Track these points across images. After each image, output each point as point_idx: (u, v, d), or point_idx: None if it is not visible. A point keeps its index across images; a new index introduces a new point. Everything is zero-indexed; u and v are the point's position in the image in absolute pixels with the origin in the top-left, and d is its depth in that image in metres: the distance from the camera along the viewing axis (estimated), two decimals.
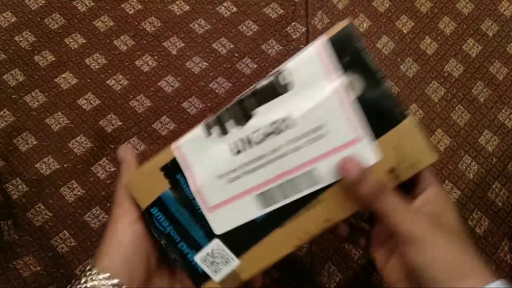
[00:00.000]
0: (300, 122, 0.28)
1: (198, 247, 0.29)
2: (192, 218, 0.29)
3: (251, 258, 0.29)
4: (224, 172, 0.29)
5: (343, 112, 0.28)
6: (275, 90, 0.28)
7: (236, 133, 0.28)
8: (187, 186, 0.29)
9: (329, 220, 0.28)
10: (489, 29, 0.53)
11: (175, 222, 0.29)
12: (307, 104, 0.28)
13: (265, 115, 0.28)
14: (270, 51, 0.51)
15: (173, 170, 0.29)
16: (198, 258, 0.29)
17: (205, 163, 0.29)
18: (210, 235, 0.29)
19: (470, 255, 0.25)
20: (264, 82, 0.28)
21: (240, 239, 0.29)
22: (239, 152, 0.28)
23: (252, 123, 0.28)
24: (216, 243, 0.29)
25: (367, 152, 0.28)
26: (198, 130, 0.29)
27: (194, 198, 0.29)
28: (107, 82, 0.49)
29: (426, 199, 0.28)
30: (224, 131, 0.28)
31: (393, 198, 0.26)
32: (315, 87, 0.28)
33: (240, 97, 0.28)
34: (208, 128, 0.29)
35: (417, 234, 0.25)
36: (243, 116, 0.28)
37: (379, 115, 0.28)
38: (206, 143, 0.29)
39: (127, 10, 0.53)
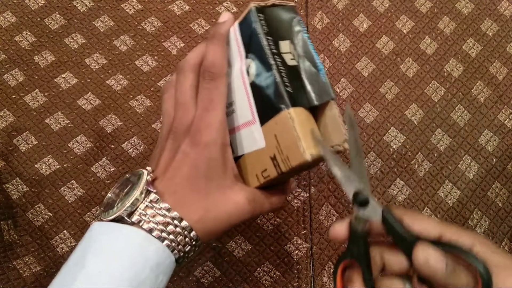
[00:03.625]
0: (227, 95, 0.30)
1: None
2: None
3: None
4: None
5: (244, 93, 0.29)
6: None
7: None
8: None
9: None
10: (489, 29, 0.53)
11: None
12: (229, 79, 0.30)
13: None
14: None
15: None
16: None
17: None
18: None
19: None
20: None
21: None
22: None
23: None
24: None
25: (258, 135, 0.29)
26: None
27: None
28: (107, 82, 0.49)
29: None
30: None
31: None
32: (233, 66, 0.30)
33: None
34: None
35: None
36: None
37: (266, 102, 0.28)
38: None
39: (127, 10, 0.53)
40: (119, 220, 0.27)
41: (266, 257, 0.43)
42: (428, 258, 0.23)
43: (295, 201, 0.45)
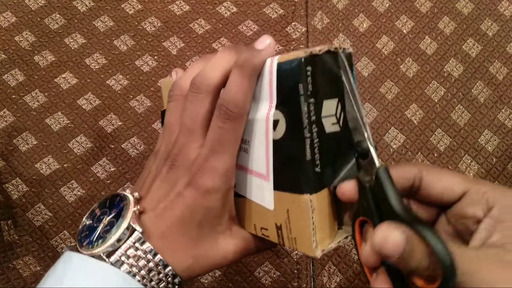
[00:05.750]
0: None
1: None
2: None
3: None
4: None
5: (263, 144, 0.25)
6: None
7: None
8: None
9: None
10: (489, 29, 0.53)
11: None
12: (250, 114, 0.26)
13: None
14: None
15: None
16: None
17: None
18: None
19: None
20: None
21: None
22: None
23: None
24: None
25: (268, 196, 0.25)
26: None
27: None
28: (107, 82, 0.49)
29: (487, 229, 0.21)
30: None
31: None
32: (259, 104, 0.25)
33: None
34: None
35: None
36: None
37: (287, 171, 0.24)
38: None
39: (127, 10, 0.53)
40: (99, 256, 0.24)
41: (266, 257, 0.43)
42: (386, 239, 0.19)
43: None
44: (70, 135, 0.47)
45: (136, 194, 0.26)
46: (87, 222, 0.26)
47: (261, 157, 0.25)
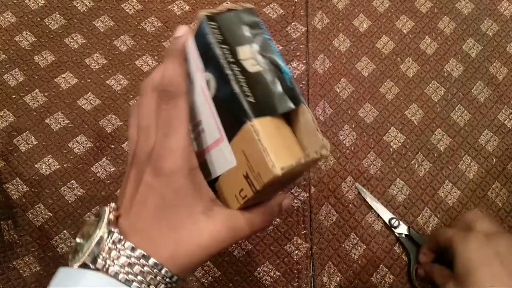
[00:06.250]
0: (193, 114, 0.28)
1: None
2: None
3: None
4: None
5: (208, 110, 0.26)
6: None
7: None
8: None
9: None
10: (489, 29, 0.53)
11: None
12: (191, 97, 0.28)
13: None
14: None
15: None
16: None
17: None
18: None
19: None
20: None
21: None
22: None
23: None
24: None
25: (228, 153, 0.26)
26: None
27: None
28: (107, 82, 0.49)
29: None
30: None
31: None
32: (194, 83, 0.27)
33: None
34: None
35: None
36: None
37: (230, 117, 0.25)
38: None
39: (127, 10, 0.53)
40: (86, 265, 0.25)
41: (266, 257, 0.43)
42: None
43: (295, 201, 0.45)
44: (70, 135, 0.47)
45: (112, 204, 0.27)
46: (77, 240, 0.27)
47: (211, 124, 0.26)
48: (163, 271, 0.25)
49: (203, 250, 0.26)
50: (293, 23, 0.52)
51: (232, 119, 0.25)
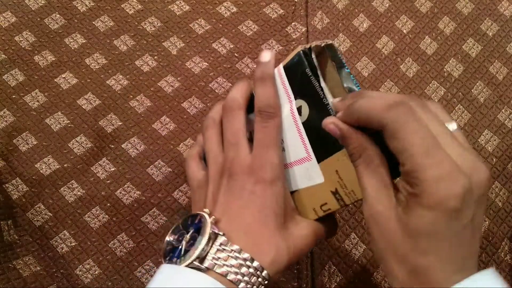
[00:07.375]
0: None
1: None
2: None
3: None
4: None
5: (296, 133, 0.30)
6: None
7: None
8: None
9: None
10: (489, 29, 0.53)
11: None
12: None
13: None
14: None
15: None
16: None
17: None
18: None
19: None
20: None
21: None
22: None
23: None
24: None
25: (314, 172, 0.30)
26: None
27: None
28: (107, 82, 0.49)
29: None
30: None
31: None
32: (283, 105, 0.31)
33: None
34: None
35: None
36: None
37: (324, 141, 0.29)
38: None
39: (127, 10, 0.53)
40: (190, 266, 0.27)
41: None
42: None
43: None
44: (70, 135, 0.47)
45: (206, 210, 0.29)
46: (169, 240, 0.29)
47: (298, 144, 0.30)
48: (263, 274, 0.27)
49: (296, 254, 0.29)
50: (293, 23, 0.52)
51: (326, 144, 0.28)
